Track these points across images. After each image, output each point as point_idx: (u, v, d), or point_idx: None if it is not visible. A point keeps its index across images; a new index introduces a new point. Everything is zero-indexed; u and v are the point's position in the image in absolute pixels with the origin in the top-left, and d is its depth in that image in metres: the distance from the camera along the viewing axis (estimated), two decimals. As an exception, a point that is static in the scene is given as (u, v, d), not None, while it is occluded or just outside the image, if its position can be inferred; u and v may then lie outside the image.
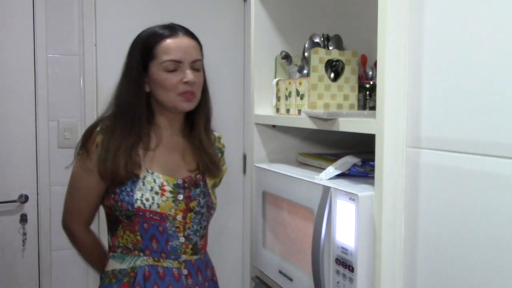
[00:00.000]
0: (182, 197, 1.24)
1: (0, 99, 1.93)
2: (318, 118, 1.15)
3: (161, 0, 2.14)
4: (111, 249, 1.27)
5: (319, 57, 1.26)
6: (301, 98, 1.30)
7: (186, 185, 1.26)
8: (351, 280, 0.98)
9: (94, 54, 2.03)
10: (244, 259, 2.36)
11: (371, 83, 1.32)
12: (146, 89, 1.23)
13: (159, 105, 1.25)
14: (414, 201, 0.93)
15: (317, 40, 1.37)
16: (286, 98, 1.39)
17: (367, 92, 1.35)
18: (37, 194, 1.99)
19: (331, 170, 1.14)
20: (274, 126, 1.51)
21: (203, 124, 1.32)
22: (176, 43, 1.21)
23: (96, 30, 2.04)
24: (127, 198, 1.19)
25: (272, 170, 1.32)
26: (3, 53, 1.92)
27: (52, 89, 2.00)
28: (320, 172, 1.15)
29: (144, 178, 1.21)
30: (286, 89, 1.39)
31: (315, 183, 1.10)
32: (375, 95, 0.95)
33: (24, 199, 1.96)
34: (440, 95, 0.87)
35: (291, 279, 1.23)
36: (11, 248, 1.97)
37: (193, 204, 1.26)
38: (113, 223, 1.25)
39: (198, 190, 1.28)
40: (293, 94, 1.34)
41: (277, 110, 1.46)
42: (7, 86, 1.94)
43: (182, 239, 1.24)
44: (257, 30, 1.50)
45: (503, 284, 0.76)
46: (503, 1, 0.76)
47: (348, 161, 1.17)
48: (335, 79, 1.28)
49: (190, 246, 1.26)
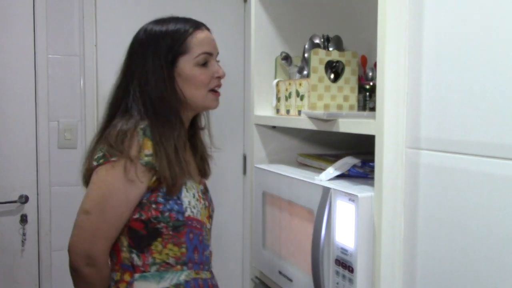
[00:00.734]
0: (207, 203, 1.21)
1: (1, 100, 1.94)
2: (318, 119, 1.15)
3: (161, 1, 2.15)
4: (138, 269, 1.09)
5: (319, 58, 1.26)
6: (301, 99, 1.30)
7: (205, 190, 1.23)
8: (351, 281, 0.98)
9: (95, 55, 2.03)
10: (244, 260, 2.36)
11: (371, 84, 1.32)
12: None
13: (182, 103, 1.15)
14: (414, 202, 0.93)
15: (317, 41, 1.37)
16: (286, 99, 1.39)
17: (367, 93, 1.35)
18: (37, 195, 1.99)
19: (331, 171, 1.14)
20: (274, 127, 1.51)
21: (204, 125, 1.29)
22: (206, 36, 1.17)
23: (97, 31, 2.04)
24: (176, 207, 1.08)
25: (272, 171, 1.32)
26: (4, 54, 1.93)
27: (53, 90, 2.00)
28: (320, 173, 1.15)
29: (186, 184, 1.12)
30: (286, 90, 1.39)
31: (315, 184, 1.10)
32: (375, 96, 0.95)
33: (24, 200, 1.96)
34: (440, 96, 0.87)
35: (291, 280, 1.23)
36: (11, 249, 1.97)
37: (211, 208, 1.24)
38: (146, 238, 1.09)
39: (209, 194, 1.27)
40: (293, 95, 1.34)
41: (277, 111, 1.46)
42: (8, 87, 1.94)
43: (211, 247, 1.20)
44: (257, 31, 1.51)
45: (503, 285, 0.76)
46: (503, 1, 0.76)
47: (348, 162, 1.17)
48: (335, 80, 1.28)
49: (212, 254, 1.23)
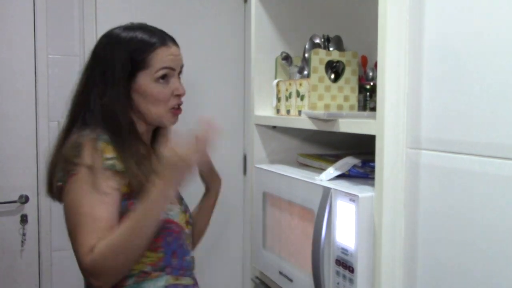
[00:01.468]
0: (184, 209, 1.19)
1: (1, 100, 1.93)
2: (318, 119, 1.15)
3: (161, 1, 2.15)
4: (117, 286, 1.04)
5: (320, 58, 1.26)
6: (302, 99, 1.30)
7: (179, 197, 1.21)
8: (351, 281, 0.98)
9: (95, 55, 2.03)
10: (244, 260, 2.36)
11: (372, 84, 1.32)
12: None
13: (137, 116, 1.14)
14: (414, 202, 0.93)
15: (318, 41, 1.37)
16: (287, 99, 1.39)
17: (368, 93, 1.35)
18: (38, 195, 1.99)
19: (331, 171, 1.14)
20: (275, 127, 1.51)
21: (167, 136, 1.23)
22: (170, 52, 1.13)
23: (97, 31, 2.03)
24: None
25: (272, 171, 1.32)
26: (4, 54, 1.93)
27: (53, 90, 2.00)
28: (320, 173, 1.15)
29: None
30: (287, 90, 1.39)
31: (315, 184, 1.10)
32: (376, 96, 0.95)
33: (25, 200, 1.96)
34: (440, 96, 0.87)
35: (291, 280, 1.23)
36: (11, 249, 1.97)
37: (188, 216, 1.21)
38: None
39: (184, 201, 1.24)
40: (293, 95, 1.34)
41: (277, 111, 1.46)
42: (8, 87, 1.94)
43: (192, 253, 1.18)
44: (258, 31, 1.50)
45: (503, 283, 0.76)
46: (503, 1, 0.76)
47: (348, 162, 1.17)
48: (336, 80, 1.28)
49: (194, 260, 1.21)
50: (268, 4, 1.50)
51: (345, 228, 1.00)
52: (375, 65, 1.23)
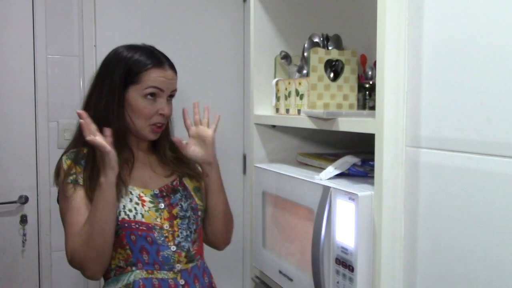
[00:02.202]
0: (164, 206, 1.24)
1: (0, 100, 1.93)
2: (318, 118, 1.15)
3: (161, 1, 2.14)
4: (105, 277, 1.24)
5: (319, 57, 1.26)
6: (301, 98, 1.30)
7: (164, 194, 1.26)
8: (351, 280, 0.98)
9: (94, 55, 2.03)
10: (244, 259, 2.36)
11: (371, 83, 1.32)
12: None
13: (129, 126, 1.26)
14: (414, 201, 0.93)
15: (317, 40, 1.37)
16: (286, 98, 1.39)
17: (367, 92, 1.35)
18: (37, 195, 1.99)
19: (331, 170, 1.14)
20: (274, 126, 1.51)
21: (167, 144, 1.34)
22: (163, 74, 1.23)
23: (96, 31, 2.04)
24: None
25: (272, 170, 1.32)
26: (3, 54, 1.93)
27: (52, 90, 2.01)
28: (320, 172, 1.15)
29: (121, 191, 1.20)
30: (286, 89, 1.39)
31: (315, 183, 1.10)
32: (375, 95, 0.95)
33: (24, 200, 1.97)
34: (440, 95, 0.87)
35: (291, 279, 1.23)
36: (11, 249, 1.97)
37: (176, 210, 1.26)
38: None
39: (179, 195, 1.28)
40: (293, 94, 1.34)
41: (277, 110, 1.46)
42: (7, 87, 1.94)
43: (174, 248, 1.22)
44: (257, 30, 1.50)
45: (504, 283, 0.76)
46: (503, 1, 0.76)
47: (348, 161, 1.17)
48: (335, 79, 1.28)
49: (183, 254, 1.24)
50: (267, 4, 1.50)
51: (345, 227, 1.00)
52: (374, 64, 1.23)
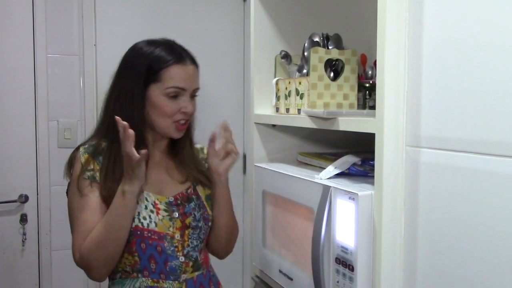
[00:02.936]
0: (178, 215, 1.21)
1: (0, 99, 1.93)
2: (318, 118, 1.15)
3: (161, 1, 2.14)
4: (110, 277, 1.22)
5: (319, 57, 1.26)
6: (301, 98, 1.30)
7: (179, 202, 1.23)
8: (351, 279, 0.98)
9: (94, 54, 2.03)
10: (245, 259, 2.36)
11: (371, 82, 1.32)
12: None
13: (148, 124, 1.22)
14: (414, 200, 0.93)
15: (317, 40, 1.37)
16: (286, 98, 1.39)
17: (367, 91, 1.34)
18: (37, 194, 2.00)
19: (331, 169, 1.14)
20: (274, 126, 1.51)
21: (188, 145, 1.30)
22: (184, 71, 1.18)
23: (96, 30, 2.04)
24: None
25: (272, 170, 1.32)
26: (3, 53, 1.93)
27: (52, 89, 2.01)
28: (320, 172, 1.15)
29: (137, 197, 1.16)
30: (286, 89, 1.39)
31: (315, 183, 1.10)
32: (375, 94, 0.95)
33: (24, 199, 1.97)
34: (440, 94, 0.87)
35: (291, 279, 1.23)
36: (11, 248, 1.97)
37: (189, 220, 1.23)
38: None
39: (192, 204, 1.25)
40: (293, 94, 1.34)
41: (277, 110, 1.46)
42: (7, 86, 1.94)
43: (182, 259, 1.20)
44: (257, 30, 1.50)
45: (503, 283, 0.76)
46: (503, 1, 0.76)
47: (348, 160, 1.17)
48: (335, 79, 1.28)
49: (191, 264, 1.22)
50: (268, 3, 1.50)
51: (345, 227, 1.00)
52: (375, 63, 1.23)
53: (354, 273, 0.97)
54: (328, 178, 1.12)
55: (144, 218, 1.17)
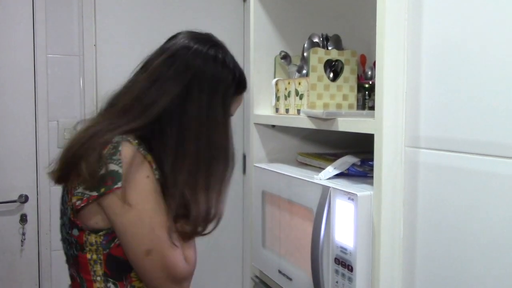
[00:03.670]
0: None
1: (0, 99, 1.94)
2: (317, 118, 1.15)
3: (160, 1, 2.15)
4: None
5: (318, 57, 1.26)
6: (300, 98, 1.30)
7: None
8: (350, 280, 0.98)
9: (94, 54, 2.03)
10: (244, 259, 2.36)
11: (370, 83, 1.32)
12: None
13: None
14: (413, 201, 0.93)
15: (316, 40, 1.37)
16: (286, 98, 1.39)
17: (366, 92, 1.35)
18: (37, 194, 1.99)
19: (330, 170, 1.14)
20: (274, 126, 1.51)
21: None
22: (241, 100, 1.11)
23: (96, 31, 2.04)
24: None
25: (272, 170, 1.32)
26: (3, 53, 1.93)
27: (52, 89, 2.00)
28: (319, 172, 1.15)
29: None
30: (286, 89, 1.39)
31: (315, 183, 1.11)
32: (374, 95, 0.96)
33: (24, 199, 1.97)
34: (439, 95, 0.87)
35: (291, 279, 1.24)
36: (11, 248, 1.97)
37: None
38: (127, 265, 0.98)
39: None
40: (292, 94, 1.35)
41: (277, 110, 1.46)
42: (7, 86, 1.94)
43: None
44: (257, 30, 1.51)
45: (502, 284, 0.76)
46: (502, 1, 0.76)
47: (347, 161, 1.17)
48: (334, 79, 1.29)
49: None
50: (267, 4, 1.51)
51: (344, 227, 1.00)
52: (374, 64, 1.23)
53: (353, 273, 0.97)
54: (328, 179, 1.12)
55: None
